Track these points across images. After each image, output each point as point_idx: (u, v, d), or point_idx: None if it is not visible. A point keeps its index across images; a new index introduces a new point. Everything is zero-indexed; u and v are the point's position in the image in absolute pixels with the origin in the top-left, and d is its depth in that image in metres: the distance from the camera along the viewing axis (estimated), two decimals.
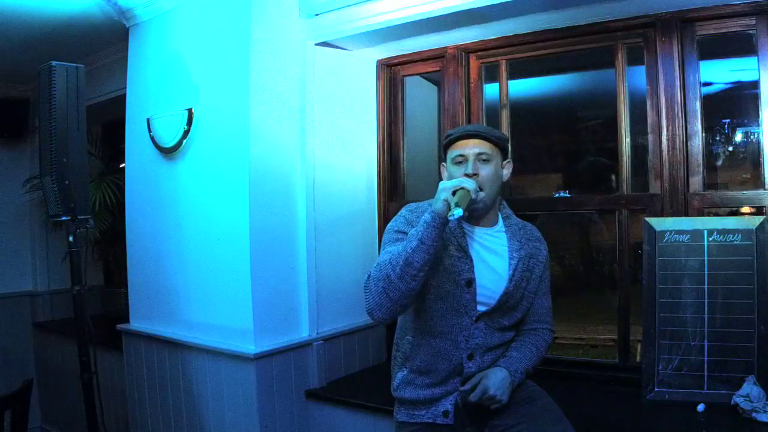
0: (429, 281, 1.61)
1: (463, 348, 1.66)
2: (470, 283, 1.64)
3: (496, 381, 1.61)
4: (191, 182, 2.47)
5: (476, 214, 1.69)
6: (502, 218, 1.77)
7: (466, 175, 1.61)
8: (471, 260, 1.65)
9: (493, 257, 1.70)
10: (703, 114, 2.17)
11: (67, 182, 2.07)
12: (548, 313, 1.82)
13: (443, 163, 1.76)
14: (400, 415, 1.76)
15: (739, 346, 1.93)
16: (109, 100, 3.40)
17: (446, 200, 1.47)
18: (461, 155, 1.66)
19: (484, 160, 1.64)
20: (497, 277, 1.68)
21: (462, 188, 1.49)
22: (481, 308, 1.66)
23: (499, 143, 1.69)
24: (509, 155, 1.78)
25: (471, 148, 1.65)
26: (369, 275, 1.57)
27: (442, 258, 1.62)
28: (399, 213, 1.72)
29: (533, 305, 1.78)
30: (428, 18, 2.23)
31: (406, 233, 1.62)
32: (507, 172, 1.75)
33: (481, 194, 1.59)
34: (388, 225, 1.71)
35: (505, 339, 1.74)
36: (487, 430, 1.68)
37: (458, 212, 1.43)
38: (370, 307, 1.55)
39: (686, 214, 2.14)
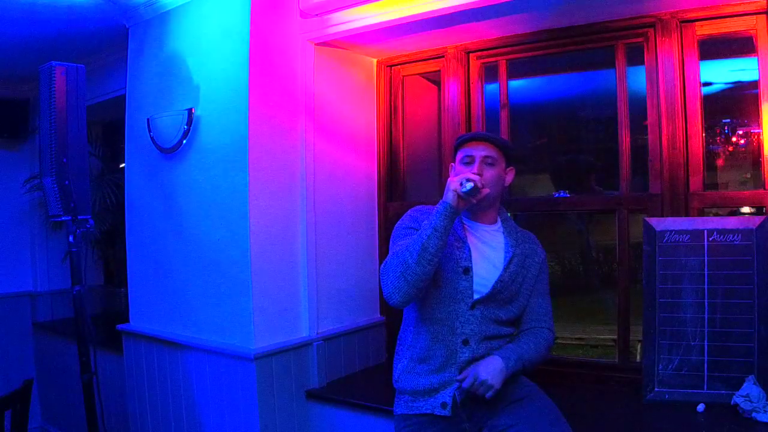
0: None
1: (458, 333, 1.73)
2: (467, 270, 1.74)
3: (488, 366, 1.66)
4: (191, 182, 2.47)
5: (476, 209, 1.80)
6: (501, 220, 1.88)
7: (472, 174, 1.73)
8: (468, 249, 1.76)
9: (489, 250, 1.80)
10: (703, 114, 2.17)
11: (67, 182, 2.07)
12: (547, 314, 1.86)
13: (452, 163, 1.87)
14: (400, 407, 1.80)
15: (739, 346, 1.93)
16: (109, 100, 3.40)
17: (455, 190, 1.63)
18: (469, 156, 1.78)
19: (489, 163, 1.77)
20: (493, 267, 1.77)
21: (468, 179, 1.65)
22: (477, 295, 1.73)
23: (504, 149, 1.81)
24: (512, 163, 1.88)
25: (479, 150, 1.77)
26: (385, 263, 1.70)
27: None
28: (406, 213, 1.86)
29: (531, 305, 1.83)
30: (428, 18, 2.23)
31: (413, 228, 1.75)
32: (509, 177, 1.86)
33: (485, 190, 1.69)
34: (397, 224, 1.85)
35: (502, 332, 1.78)
36: (485, 430, 1.69)
37: (470, 185, 1.62)
38: (388, 291, 1.66)
39: (686, 214, 2.14)
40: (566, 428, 1.63)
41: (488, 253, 1.79)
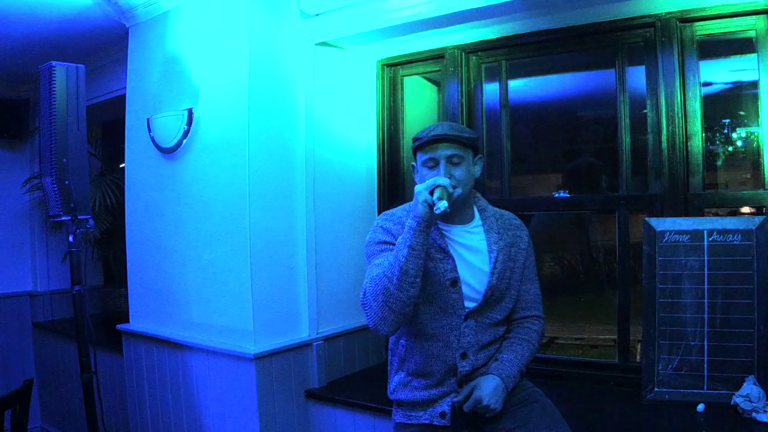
0: None
1: (455, 347, 1.66)
2: (455, 282, 1.64)
3: (489, 390, 1.60)
4: (191, 182, 2.47)
5: (451, 211, 1.62)
6: (478, 211, 1.76)
7: None
8: (453, 260, 1.65)
9: (473, 255, 1.69)
10: (703, 114, 2.17)
11: (67, 182, 2.07)
12: (536, 300, 1.79)
13: (413, 164, 1.73)
14: (398, 416, 1.76)
15: (739, 346, 1.94)
16: (109, 100, 3.40)
17: (426, 201, 1.48)
18: (432, 159, 1.63)
19: (455, 163, 1.62)
20: (480, 273, 1.67)
21: (438, 186, 1.50)
22: (469, 305, 1.66)
23: (469, 142, 1.65)
24: (480, 151, 1.75)
25: (441, 151, 1.61)
26: (365, 292, 1.56)
27: (426, 262, 1.60)
28: (375, 224, 1.72)
29: (521, 293, 1.76)
30: (428, 18, 2.23)
31: (387, 243, 1.63)
32: (479, 168, 1.72)
33: (457, 191, 1.58)
34: (368, 238, 1.70)
35: (498, 335, 1.73)
36: None
37: (443, 204, 1.46)
38: (373, 323, 1.54)
39: (686, 214, 2.14)
40: (566, 430, 1.62)
41: (473, 259, 1.69)
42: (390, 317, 1.52)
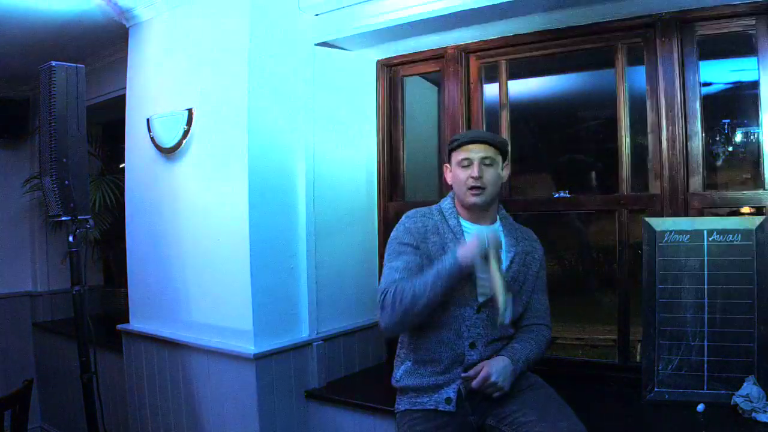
0: None
1: (465, 337, 1.74)
2: (471, 275, 1.71)
3: (498, 368, 1.66)
4: (191, 182, 2.47)
5: (476, 211, 1.82)
6: (500, 218, 1.89)
7: (472, 177, 1.76)
8: None
9: None
10: (703, 114, 2.17)
11: (67, 182, 2.07)
12: (545, 311, 1.89)
13: (447, 165, 1.88)
14: (402, 404, 1.81)
15: (739, 346, 1.93)
16: (109, 100, 3.40)
17: (473, 255, 1.60)
18: (467, 159, 1.79)
19: (487, 164, 1.78)
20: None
21: (496, 240, 1.66)
22: (481, 299, 1.74)
23: (501, 147, 1.83)
24: (508, 158, 1.90)
25: (476, 152, 1.78)
26: (384, 295, 1.68)
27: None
28: (400, 222, 1.84)
29: (531, 302, 1.86)
30: (428, 18, 2.23)
31: (409, 245, 1.75)
32: (506, 173, 1.88)
33: (488, 192, 1.76)
34: (392, 235, 1.83)
35: (506, 333, 1.80)
36: (490, 418, 1.71)
37: (508, 316, 1.60)
38: (386, 326, 1.69)
39: (686, 214, 2.14)
40: (572, 413, 1.65)
41: None
42: (406, 325, 1.70)
